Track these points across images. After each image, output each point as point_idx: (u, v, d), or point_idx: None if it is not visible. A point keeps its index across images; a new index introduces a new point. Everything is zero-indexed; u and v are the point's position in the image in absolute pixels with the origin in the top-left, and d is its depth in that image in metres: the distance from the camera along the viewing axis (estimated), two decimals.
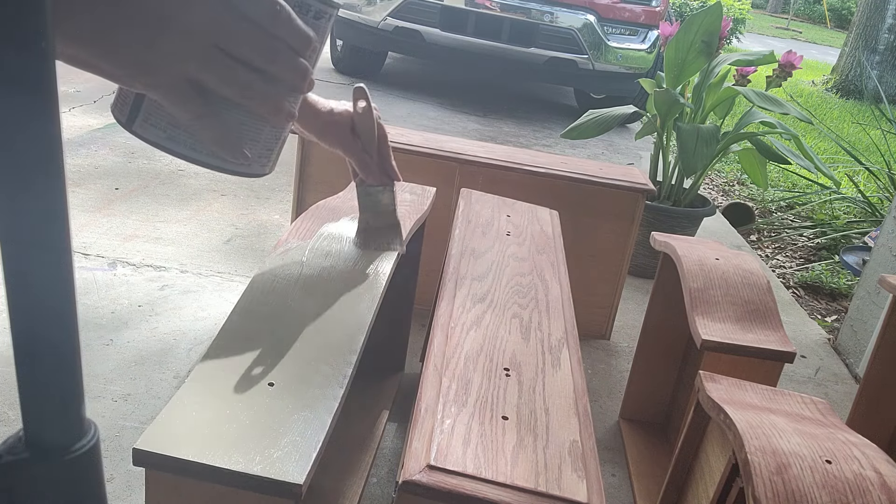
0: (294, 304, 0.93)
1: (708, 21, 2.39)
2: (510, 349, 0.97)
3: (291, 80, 0.52)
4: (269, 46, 0.50)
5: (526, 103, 5.33)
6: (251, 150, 0.56)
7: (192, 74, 0.49)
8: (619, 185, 1.97)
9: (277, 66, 0.51)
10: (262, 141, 0.57)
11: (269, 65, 0.51)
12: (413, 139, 2.03)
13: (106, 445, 1.36)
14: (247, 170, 0.58)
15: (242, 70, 0.50)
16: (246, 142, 0.56)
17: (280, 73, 0.52)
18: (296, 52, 0.52)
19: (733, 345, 1.25)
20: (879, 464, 0.87)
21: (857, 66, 7.99)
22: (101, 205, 2.40)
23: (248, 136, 0.56)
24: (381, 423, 1.52)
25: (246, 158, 0.56)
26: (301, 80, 0.53)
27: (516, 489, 0.70)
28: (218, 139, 0.54)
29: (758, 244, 3.28)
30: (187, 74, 0.49)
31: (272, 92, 0.52)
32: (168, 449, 0.66)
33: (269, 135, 0.57)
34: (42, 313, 0.32)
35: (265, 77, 0.51)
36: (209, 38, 0.48)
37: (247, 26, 0.49)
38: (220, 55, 0.49)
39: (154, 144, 0.56)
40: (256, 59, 0.50)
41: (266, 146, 0.58)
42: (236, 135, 0.55)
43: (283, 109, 0.54)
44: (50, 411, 0.34)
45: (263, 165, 0.59)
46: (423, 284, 1.68)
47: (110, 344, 1.68)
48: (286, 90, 0.53)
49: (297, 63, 0.52)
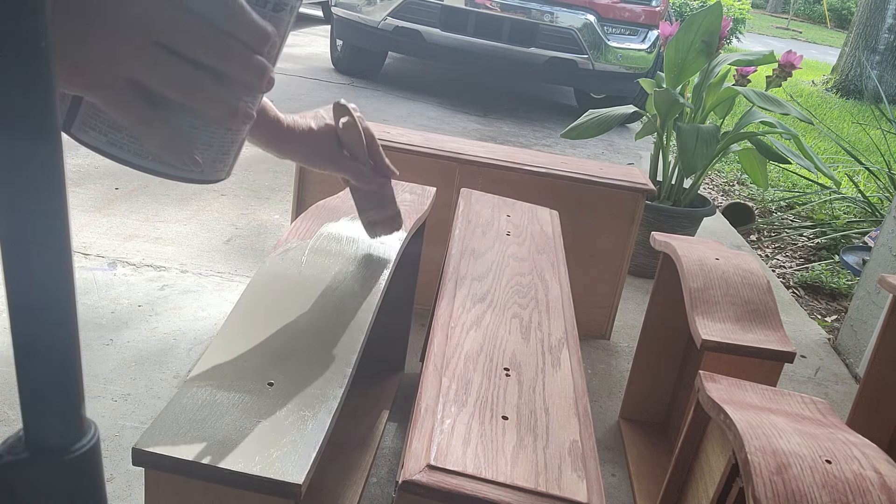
0: (294, 305, 0.93)
1: (708, 21, 2.39)
2: (510, 349, 0.97)
3: (247, 79, 0.48)
4: (220, 43, 0.46)
5: (526, 103, 5.33)
6: (203, 156, 0.51)
7: (131, 74, 0.45)
8: (619, 185, 1.97)
9: (230, 65, 0.47)
10: (217, 145, 0.52)
11: (221, 63, 0.46)
12: (413, 139, 2.03)
13: (106, 445, 1.36)
14: (198, 176, 0.53)
15: (189, 69, 0.46)
16: (197, 146, 0.51)
17: (233, 71, 0.47)
18: (251, 49, 0.47)
19: (733, 345, 1.25)
20: (879, 464, 0.87)
21: (857, 66, 7.99)
22: (101, 205, 2.40)
23: (199, 141, 0.51)
24: (381, 423, 1.52)
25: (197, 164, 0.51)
26: (258, 79, 0.48)
27: (516, 489, 0.70)
28: (165, 144, 0.49)
29: (758, 244, 3.28)
30: (127, 74, 0.45)
31: (225, 93, 0.48)
32: (168, 449, 0.66)
33: (224, 138, 0.52)
34: (42, 313, 0.32)
35: (216, 76, 0.47)
36: (150, 34, 0.44)
37: (193, 21, 0.44)
38: (163, 53, 0.45)
39: (95, 150, 0.52)
40: (205, 57, 0.46)
41: (221, 150, 0.53)
42: (186, 139, 0.50)
43: (238, 111, 0.49)
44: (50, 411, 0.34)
45: (219, 171, 0.54)
46: (423, 284, 1.68)
47: (110, 344, 1.68)
48: (241, 90, 0.49)
49: (252, 61, 0.47)
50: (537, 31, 4.41)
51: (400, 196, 1.46)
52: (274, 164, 3.01)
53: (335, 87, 4.77)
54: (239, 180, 2.79)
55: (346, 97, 1.00)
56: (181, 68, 0.45)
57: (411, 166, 1.95)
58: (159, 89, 0.46)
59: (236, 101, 0.48)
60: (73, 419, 0.35)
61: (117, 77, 0.45)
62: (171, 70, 0.45)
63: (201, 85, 0.46)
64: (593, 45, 4.47)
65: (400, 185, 1.52)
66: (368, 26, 4.58)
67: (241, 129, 0.53)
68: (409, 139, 2.02)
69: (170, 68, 0.45)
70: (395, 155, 1.96)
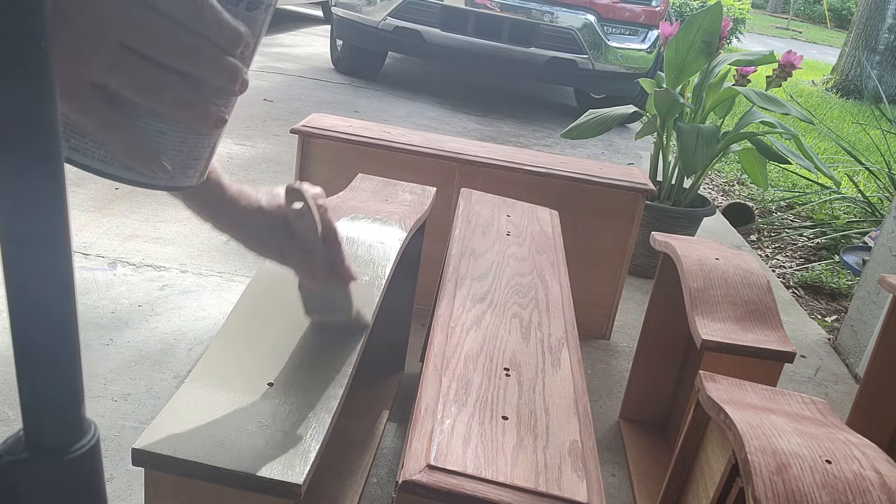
0: (294, 305, 0.93)
1: (708, 21, 2.39)
2: (510, 349, 0.97)
3: (218, 82, 0.46)
4: (189, 45, 0.43)
5: (526, 103, 5.34)
6: (172, 161, 0.49)
7: (96, 77, 0.43)
8: (619, 185, 1.97)
9: (201, 68, 0.44)
10: (187, 150, 0.49)
11: (191, 66, 0.44)
12: (413, 139, 2.03)
13: (106, 445, 1.36)
14: (167, 183, 0.50)
15: (157, 72, 0.43)
16: (166, 152, 0.48)
17: (204, 74, 0.45)
18: (222, 50, 0.45)
19: (733, 345, 1.25)
20: (879, 464, 0.87)
21: (857, 66, 7.99)
22: (101, 205, 2.40)
23: (168, 146, 0.48)
24: (381, 423, 1.52)
25: (165, 171, 0.48)
26: (231, 82, 0.46)
27: (516, 489, 0.70)
28: (131, 151, 0.46)
29: (758, 244, 3.28)
30: (91, 77, 0.43)
31: (195, 96, 0.45)
32: (167, 449, 0.66)
33: (194, 143, 0.50)
34: (42, 313, 0.32)
35: (186, 80, 0.45)
36: (116, 35, 0.42)
37: (161, 22, 0.42)
38: (129, 56, 0.42)
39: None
40: (174, 60, 0.43)
41: (191, 156, 0.50)
42: (154, 145, 0.47)
43: (209, 115, 0.47)
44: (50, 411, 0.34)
45: (189, 177, 0.51)
46: (423, 284, 1.68)
47: (110, 344, 1.68)
48: (213, 93, 0.46)
49: (224, 63, 0.45)
50: (537, 31, 4.41)
51: (400, 196, 1.46)
52: (274, 165, 3.01)
53: (335, 87, 4.77)
54: (239, 180, 2.78)
55: (347, 97, 0.99)
56: (148, 71, 0.43)
57: (411, 166, 1.95)
58: (125, 93, 0.44)
59: (207, 105, 0.47)
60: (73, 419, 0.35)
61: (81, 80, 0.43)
62: (138, 73, 0.43)
63: (170, 88, 0.44)
64: (593, 45, 4.47)
65: (400, 185, 1.52)
66: (368, 26, 4.58)
67: (213, 133, 0.51)
68: (409, 139, 2.02)
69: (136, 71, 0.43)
70: (395, 155, 1.96)
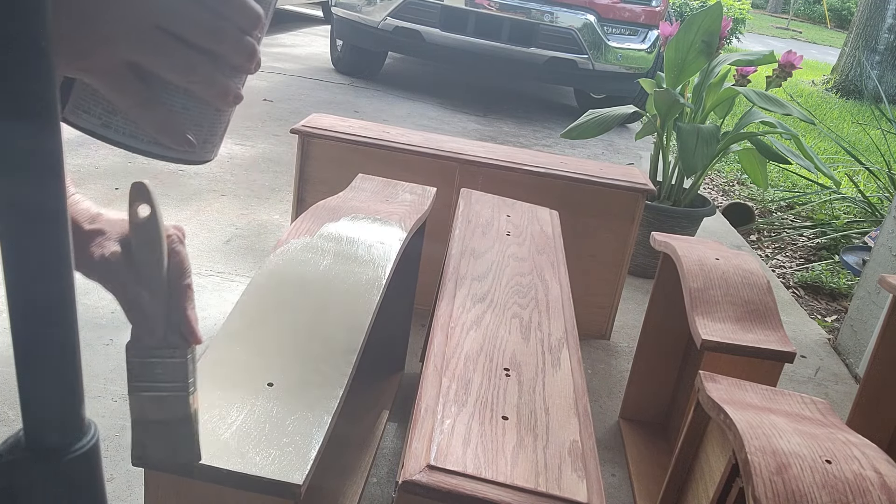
0: (294, 305, 0.93)
1: (708, 21, 2.39)
2: (510, 349, 0.97)
3: (238, 60, 0.49)
4: (216, 26, 0.47)
5: (526, 103, 5.34)
6: (195, 136, 0.53)
7: (132, 58, 0.46)
8: (619, 185, 1.97)
9: (224, 47, 0.48)
10: (206, 126, 0.54)
11: (216, 45, 0.48)
12: (413, 139, 2.03)
13: (106, 445, 1.36)
14: (191, 157, 0.54)
15: (186, 52, 0.47)
16: (189, 127, 0.52)
17: (227, 53, 0.48)
18: (242, 31, 0.48)
19: (733, 345, 1.25)
20: (879, 464, 0.87)
21: (857, 66, 7.99)
22: (101, 205, 2.39)
23: (192, 122, 0.52)
24: (381, 423, 1.52)
25: (191, 145, 0.52)
26: (248, 61, 0.50)
27: (516, 489, 0.70)
28: (160, 126, 0.50)
29: (758, 244, 3.28)
30: (127, 58, 0.46)
31: (218, 75, 0.49)
32: None
33: (213, 119, 0.54)
34: (42, 313, 0.32)
35: (211, 59, 0.48)
36: (151, 17, 0.45)
37: (191, 4, 0.46)
38: (163, 36, 0.46)
39: (88, 132, 0.52)
40: (202, 40, 0.47)
41: (210, 131, 0.54)
42: (180, 120, 0.51)
43: (229, 92, 0.51)
44: (50, 411, 0.34)
45: (208, 151, 0.55)
46: (423, 284, 1.68)
47: (110, 344, 1.68)
48: (232, 72, 0.50)
49: (244, 42, 0.49)
50: (537, 31, 4.41)
51: (400, 196, 1.46)
52: (274, 165, 3.01)
53: (335, 86, 4.77)
54: (239, 180, 2.79)
55: (347, 97, 0.99)
56: (179, 50, 0.46)
57: (411, 166, 1.95)
58: (159, 71, 0.47)
59: (227, 82, 0.50)
60: (73, 419, 0.35)
61: (118, 60, 0.46)
62: (170, 52, 0.46)
63: (197, 67, 0.48)
64: (593, 45, 4.47)
65: (400, 185, 1.52)
66: (368, 26, 4.58)
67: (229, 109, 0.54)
68: (409, 139, 2.02)
69: (168, 50, 0.46)
70: (395, 155, 1.96)
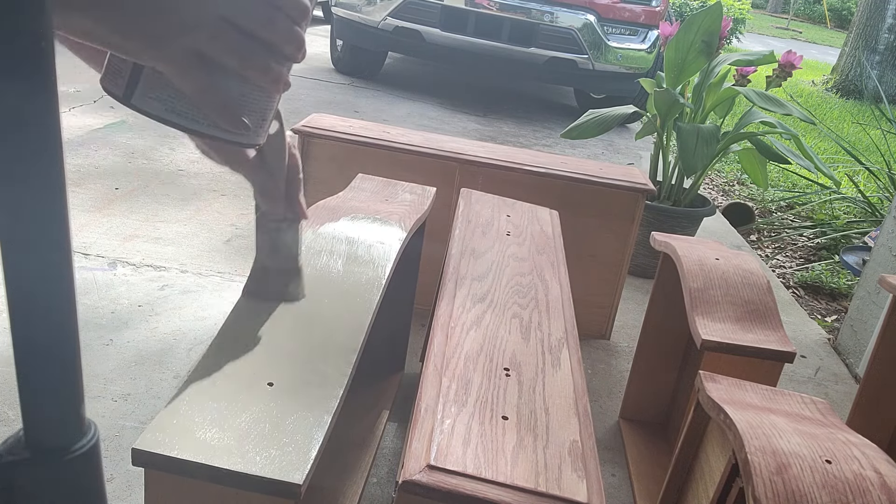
0: (294, 305, 0.93)
1: (708, 21, 2.39)
2: (510, 349, 0.97)
3: (289, 49, 0.54)
4: (271, 17, 0.52)
5: (526, 103, 5.34)
6: (249, 120, 0.58)
7: (199, 46, 0.50)
8: (619, 185, 1.97)
9: (277, 37, 0.52)
10: (258, 111, 0.58)
11: (271, 35, 0.52)
12: (413, 139, 2.03)
13: (106, 445, 1.36)
14: (246, 139, 0.59)
15: (246, 41, 0.51)
16: (245, 112, 0.57)
17: (279, 43, 0.53)
18: (293, 22, 0.53)
19: (733, 345, 1.25)
20: (879, 464, 0.87)
21: (857, 66, 7.99)
22: (101, 205, 2.40)
23: (247, 107, 0.57)
24: (381, 423, 1.52)
25: (246, 128, 0.57)
26: (297, 50, 0.54)
27: (516, 489, 0.70)
28: (220, 110, 0.55)
29: (758, 244, 3.28)
30: (194, 47, 0.50)
31: (271, 62, 0.53)
32: (167, 449, 0.66)
33: (264, 104, 0.59)
34: (42, 313, 0.32)
35: (265, 48, 0.52)
36: (217, 9, 0.49)
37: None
38: (226, 26, 0.50)
39: (153, 117, 0.56)
40: (259, 30, 0.51)
41: (261, 116, 0.59)
42: (237, 105, 0.56)
43: (280, 79, 0.55)
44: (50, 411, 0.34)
45: (259, 136, 0.60)
46: (423, 284, 1.68)
47: (110, 344, 1.68)
48: (283, 60, 0.54)
49: (294, 33, 0.53)
50: (537, 31, 4.41)
51: (400, 196, 1.46)
52: None
53: (335, 87, 4.77)
54: (239, 180, 2.78)
55: (347, 97, 0.99)
56: (240, 40, 0.51)
57: (411, 166, 1.95)
58: (222, 59, 0.52)
59: (280, 70, 0.55)
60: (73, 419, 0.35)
61: (186, 49, 0.50)
62: (232, 41, 0.51)
63: (254, 55, 0.52)
64: (593, 45, 4.47)
65: (400, 185, 1.52)
66: (368, 26, 4.58)
67: (278, 95, 0.59)
68: (409, 139, 2.02)
69: (230, 40, 0.51)
70: (395, 155, 1.96)
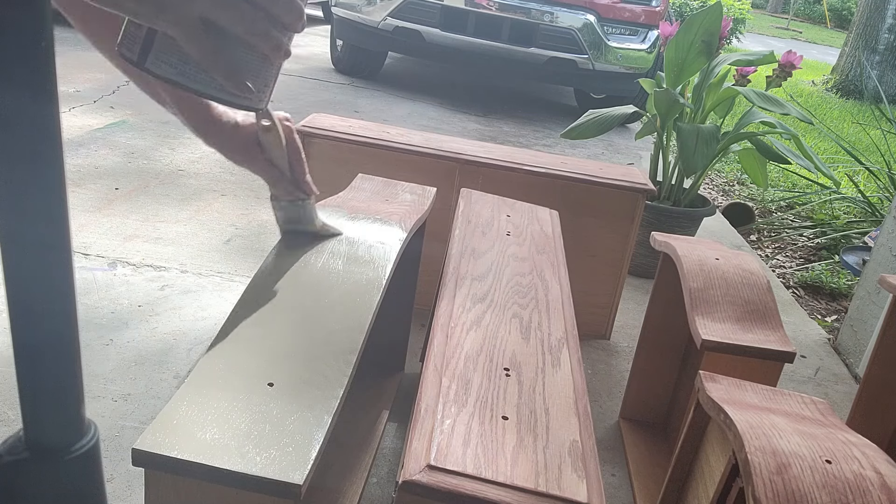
0: (294, 305, 0.93)
1: (708, 21, 2.39)
2: (510, 349, 0.97)
3: (289, 19, 0.58)
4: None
5: (526, 103, 5.34)
6: (253, 84, 0.63)
7: (206, 13, 0.55)
8: (619, 185, 1.97)
9: (279, 7, 0.57)
10: (261, 77, 0.63)
11: (272, 5, 0.57)
12: (413, 139, 2.03)
13: (106, 445, 1.36)
14: (249, 103, 0.64)
15: (250, 9, 0.56)
16: (248, 76, 0.62)
17: (280, 13, 0.58)
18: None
19: (733, 345, 1.25)
20: (879, 464, 0.87)
21: (857, 66, 7.99)
22: (101, 205, 2.40)
23: (249, 71, 0.62)
24: (381, 423, 1.52)
25: (250, 91, 0.63)
26: (297, 20, 0.59)
27: (516, 489, 0.70)
28: (226, 74, 0.60)
29: (758, 244, 3.28)
30: (202, 13, 0.55)
31: (272, 30, 0.58)
32: (167, 449, 0.66)
33: (266, 71, 0.64)
34: (42, 313, 0.32)
35: (267, 16, 0.57)
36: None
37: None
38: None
39: (165, 80, 0.61)
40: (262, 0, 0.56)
41: (264, 81, 0.64)
42: (241, 69, 0.61)
43: (282, 47, 0.60)
44: (50, 411, 0.34)
45: (261, 100, 0.66)
46: (423, 284, 1.68)
47: (110, 344, 1.68)
48: (283, 29, 0.59)
49: (294, 3, 0.58)
50: (537, 32, 4.41)
51: (400, 196, 1.46)
52: None
53: (335, 86, 4.77)
54: (239, 180, 2.79)
55: (347, 97, 1.00)
56: (244, 8, 0.56)
57: (411, 166, 1.95)
58: (228, 26, 0.56)
59: (281, 38, 0.59)
60: (73, 419, 0.35)
61: (195, 15, 0.55)
62: (239, 10, 0.56)
63: (257, 22, 0.57)
64: (593, 45, 4.47)
65: (400, 185, 1.52)
66: (368, 26, 4.58)
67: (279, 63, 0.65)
68: (409, 139, 2.02)
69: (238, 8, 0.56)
70: (395, 155, 1.96)
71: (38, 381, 0.34)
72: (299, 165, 1.02)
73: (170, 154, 2.96)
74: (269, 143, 0.98)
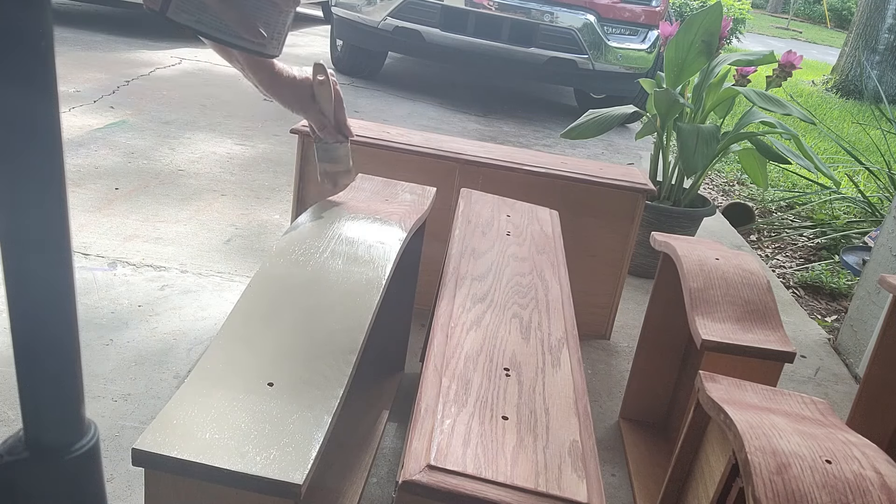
0: (294, 305, 0.93)
1: (708, 21, 2.39)
2: (510, 349, 0.97)
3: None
4: None
5: (526, 103, 5.34)
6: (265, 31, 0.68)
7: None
8: (619, 185, 1.97)
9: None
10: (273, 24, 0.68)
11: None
12: (413, 139, 2.03)
13: (106, 445, 1.36)
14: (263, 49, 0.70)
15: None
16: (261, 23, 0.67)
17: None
18: None
19: (733, 345, 1.25)
20: (879, 464, 0.87)
21: (857, 66, 7.99)
22: (101, 205, 2.40)
23: (262, 19, 0.67)
24: (381, 423, 1.52)
25: (263, 38, 0.68)
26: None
27: (516, 489, 0.70)
28: (240, 21, 0.65)
29: (758, 244, 3.28)
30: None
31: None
32: (167, 449, 0.66)
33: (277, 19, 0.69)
34: (42, 313, 0.32)
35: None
36: None
37: None
38: None
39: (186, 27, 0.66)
40: None
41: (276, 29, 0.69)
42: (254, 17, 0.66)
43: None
44: (50, 411, 0.34)
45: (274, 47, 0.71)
46: (423, 284, 1.68)
47: (110, 344, 1.68)
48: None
49: None
50: (537, 32, 4.41)
51: (400, 196, 1.46)
52: (274, 165, 3.01)
53: None
54: (239, 180, 2.79)
55: (347, 97, 1.03)
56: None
57: (411, 166, 1.95)
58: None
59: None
60: (73, 419, 0.35)
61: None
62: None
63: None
64: (593, 45, 4.47)
65: (400, 185, 1.52)
66: (368, 26, 4.58)
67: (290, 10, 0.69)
68: (409, 139, 2.02)
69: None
70: (395, 155, 1.96)
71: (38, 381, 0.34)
72: (342, 113, 1.23)
73: (170, 154, 2.96)
74: (321, 95, 1.18)
